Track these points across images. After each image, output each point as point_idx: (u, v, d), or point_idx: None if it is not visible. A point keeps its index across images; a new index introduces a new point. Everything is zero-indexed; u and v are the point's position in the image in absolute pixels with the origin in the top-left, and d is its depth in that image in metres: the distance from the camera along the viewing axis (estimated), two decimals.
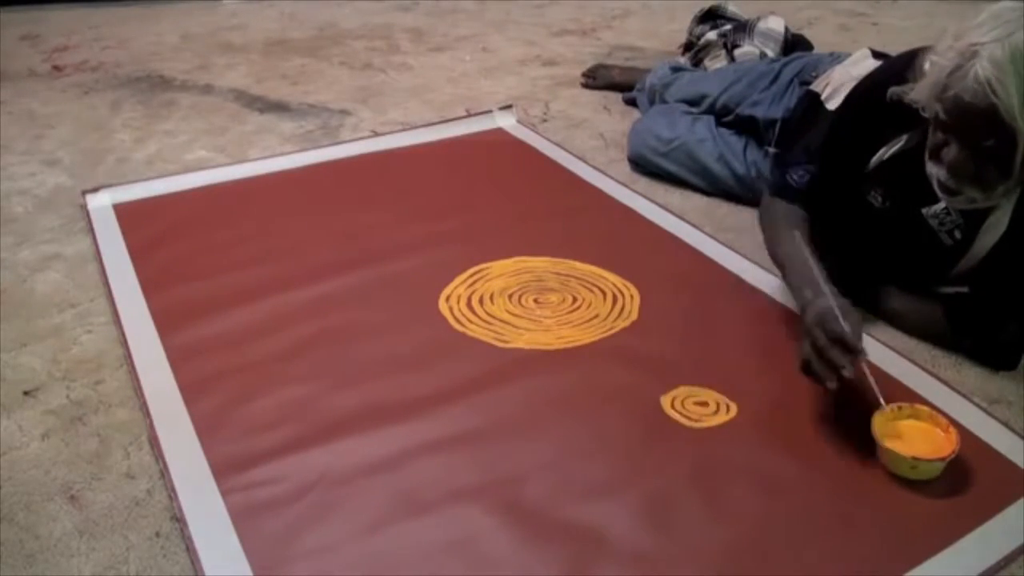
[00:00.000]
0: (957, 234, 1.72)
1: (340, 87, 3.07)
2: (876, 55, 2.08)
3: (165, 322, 1.79)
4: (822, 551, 1.33)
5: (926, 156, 1.59)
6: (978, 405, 1.62)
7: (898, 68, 1.65)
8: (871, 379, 1.51)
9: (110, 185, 2.30)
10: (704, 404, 1.60)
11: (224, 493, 1.39)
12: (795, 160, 1.88)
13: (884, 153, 1.73)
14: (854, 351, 1.47)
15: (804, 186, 1.83)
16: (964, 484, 1.44)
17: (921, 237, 1.75)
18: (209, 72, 3.20)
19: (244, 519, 1.35)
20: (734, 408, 1.59)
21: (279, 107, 2.90)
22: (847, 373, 1.45)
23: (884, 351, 1.74)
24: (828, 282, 1.58)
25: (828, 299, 1.53)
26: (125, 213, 2.20)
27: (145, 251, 2.03)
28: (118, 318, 1.80)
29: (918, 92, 1.54)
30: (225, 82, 3.11)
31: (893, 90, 1.61)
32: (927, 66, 1.52)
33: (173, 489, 1.40)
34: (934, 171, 1.58)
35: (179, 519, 1.35)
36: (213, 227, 2.15)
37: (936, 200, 1.66)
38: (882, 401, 1.51)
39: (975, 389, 1.67)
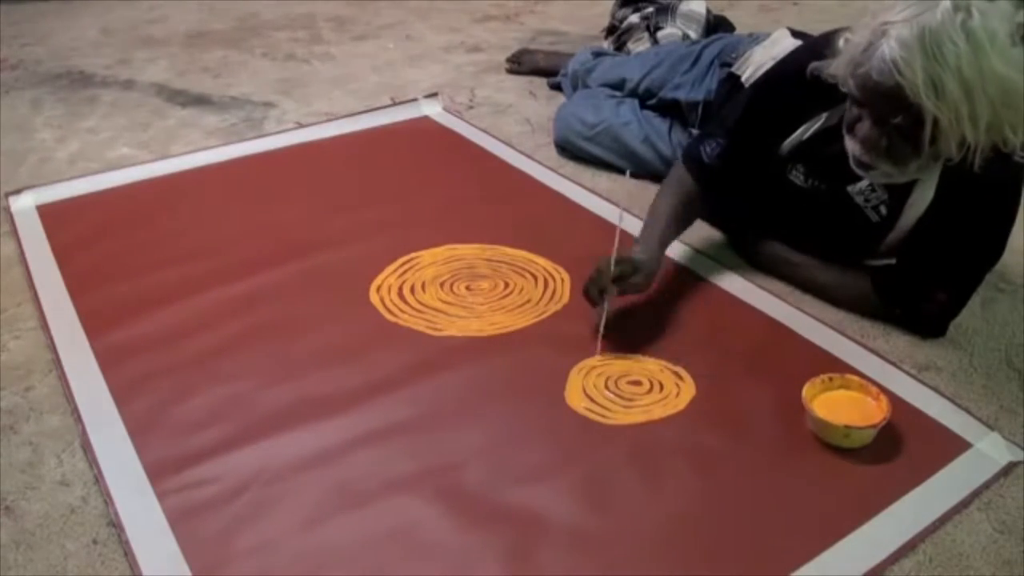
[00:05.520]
0: (883, 210, 1.75)
1: (263, 79, 3.04)
2: (795, 35, 2.11)
3: (93, 324, 1.77)
4: (760, 522, 1.36)
5: (843, 130, 1.62)
6: (908, 372, 1.66)
7: (817, 48, 1.67)
8: (601, 325, 1.70)
9: (33, 186, 2.27)
10: (637, 383, 1.62)
11: (160, 496, 1.39)
12: (710, 132, 1.89)
13: (804, 132, 1.75)
14: (601, 288, 1.67)
15: (713, 160, 1.85)
16: (897, 449, 1.48)
17: (847, 214, 1.78)
18: (130, 67, 3.15)
19: (181, 521, 1.35)
20: (667, 385, 1.62)
21: (202, 101, 2.87)
22: (597, 309, 1.71)
23: (814, 324, 1.79)
24: (659, 243, 1.80)
25: (634, 249, 1.75)
26: (49, 214, 2.17)
27: (70, 252, 2.01)
28: (45, 322, 1.78)
29: (835, 67, 1.56)
30: (146, 77, 3.07)
31: (813, 65, 1.64)
32: (842, 43, 1.55)
33: (108, 494, 1.39)
34: (850, 145, 1.60)
35: (116, 524, 1.34)
36: (138, 225, 2.12)
37: (859, 177, 1.69)
38: (599, 345, 1.70)
39: (904, 357, 1.71)
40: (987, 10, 1.39)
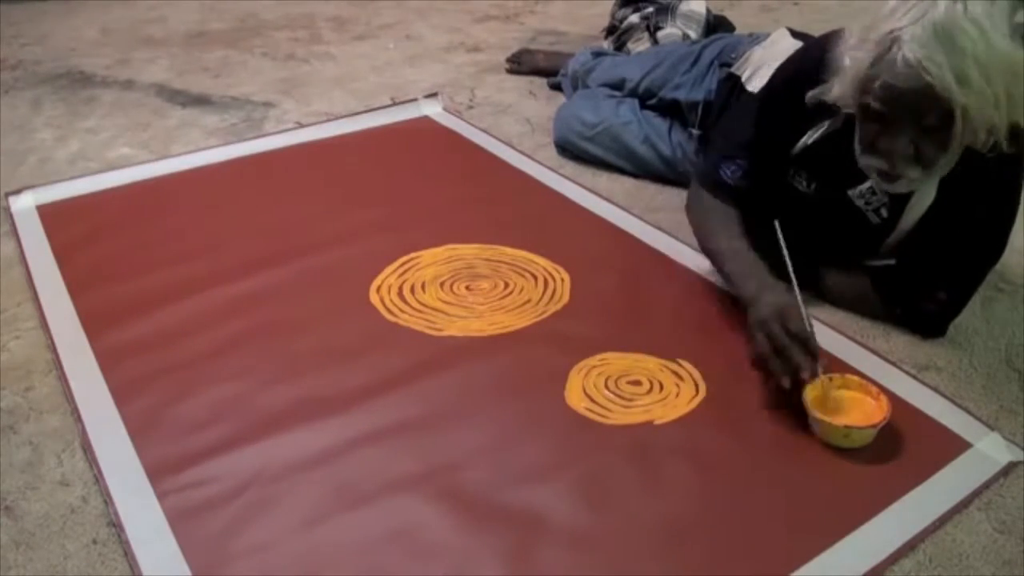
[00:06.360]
0: (884, 212, 1.75)
1: (263, 79, 3.04)
2: (795, 35, 2.10)
3: (93, 324, 1.77)
4: (760, 522, 1.36)
5: (858, 150, 1.60)
6: (908, 372, 1.66)
7: (817, 54, 1.65)
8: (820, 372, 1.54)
9: (33, 186, 2.27)
10: (637, 383, 1.62)
11: (160, 496, 1.39)
12: (726, 154, 1.86)
13: (808, 139, 1.74)
14: (813, 354, 1.52)
15: (739, 182, 1.82)
16: (897, 449, 1.48)
17: (848, 217, 1.77)
18: (130, 67, 3.15)
19: (181, 521, 1.35)
20: (667, 385, 1.62)
21: (202, 101, 2.87)
22: (806, 375, 1.50)
23: (814, 324, 1.77)
24: (775, 278, 1.63)
25: (783, 295, 1.58)
26: (49, 214, 2.17)
27: (70, 252, 2.01)
28: (45, 322, 1.78)
29: (839, 90, 1.55)
30: (146, 77, 3.06)
31: (812, 94, 1.63)
32: (846, 62, 1.54)
33: (108, 494, 1.39)
34: (872, 162, 1.58)
35: (116, 524, 1.34)
36: (138, 225, 2.12)
37: (860, 181, 1.69)
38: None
39: (904, 357, 1.71)
40: None
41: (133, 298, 1.84)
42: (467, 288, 1.89)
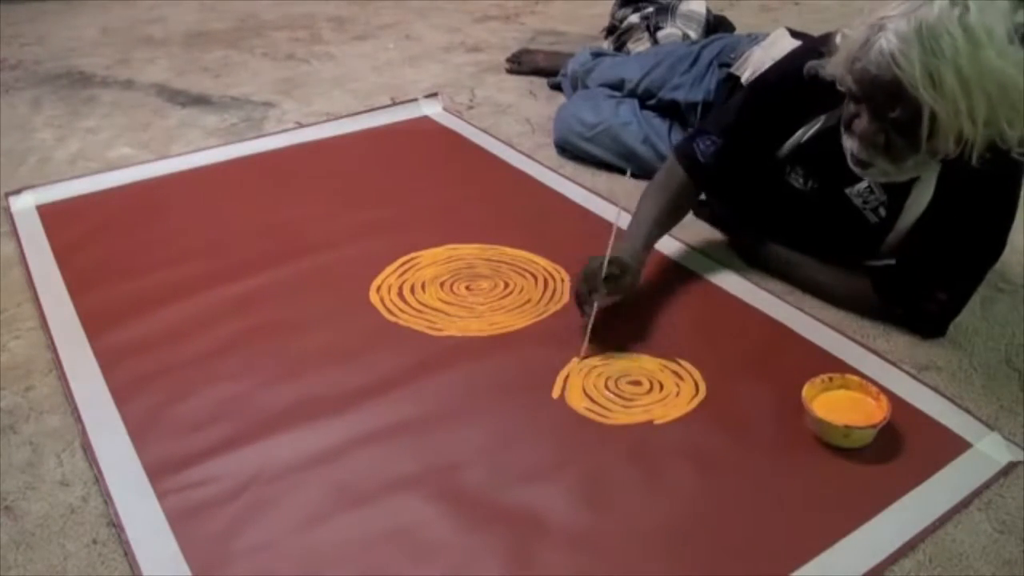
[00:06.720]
0: (882, 211, 1.75)
1: (263, 79, 3.04)
2: (794, 35, 2.10)
3: (93, 324, 1.77)
4: (760, 522, 1.36)
5: (841, 129, 1.62)
6: (908, 372, 1.66)
7: (814, 50, 1.67)
8: (589, 327, 1.68)
9: (33, 186, 2.27)
10: (637, 383, 1.62)
11: (160, 496, 1.39)
12: (706, 128, 1.88)
13: (803, 135, 1.75)
14: (592, 289, 1.66)
15: (709, 159, 1.83)
16: (897, 449, 1.48)
17: (846, 216, 1.78)
18: (130, 67, 3.15)
19: (181, 521, 1.35)
20: (667, 385, 1.62)
21: (201, 101, 2.87)
22: (586, 309, 1.68)
23: (813, 324, 1.79)
24: (644, 245, 1.80)
25: (619, 248, 1.70)
26: (49, 214, 2.17)
27: (71, 252, 2.00)
28: (45, 322, 1.78)
29: (832, 66, 1.57)
30: (146, 77, 3.06)
31: (810, 64, 1.64)
32: (839, 39, 1.55)
33: (108, 494, 1.39)
34: (848, 143, 1.61)
35: (116, 524, 1.34)
36: (138, 225, 2.12)
37: (857, 179, 1.70)
38: (584, 348, 1.68)
39: (904, 357, 1.71)
40: (984, 7, 1.39)
41: (133, 298, 1.84)
42: (467, 288, 1.89)
